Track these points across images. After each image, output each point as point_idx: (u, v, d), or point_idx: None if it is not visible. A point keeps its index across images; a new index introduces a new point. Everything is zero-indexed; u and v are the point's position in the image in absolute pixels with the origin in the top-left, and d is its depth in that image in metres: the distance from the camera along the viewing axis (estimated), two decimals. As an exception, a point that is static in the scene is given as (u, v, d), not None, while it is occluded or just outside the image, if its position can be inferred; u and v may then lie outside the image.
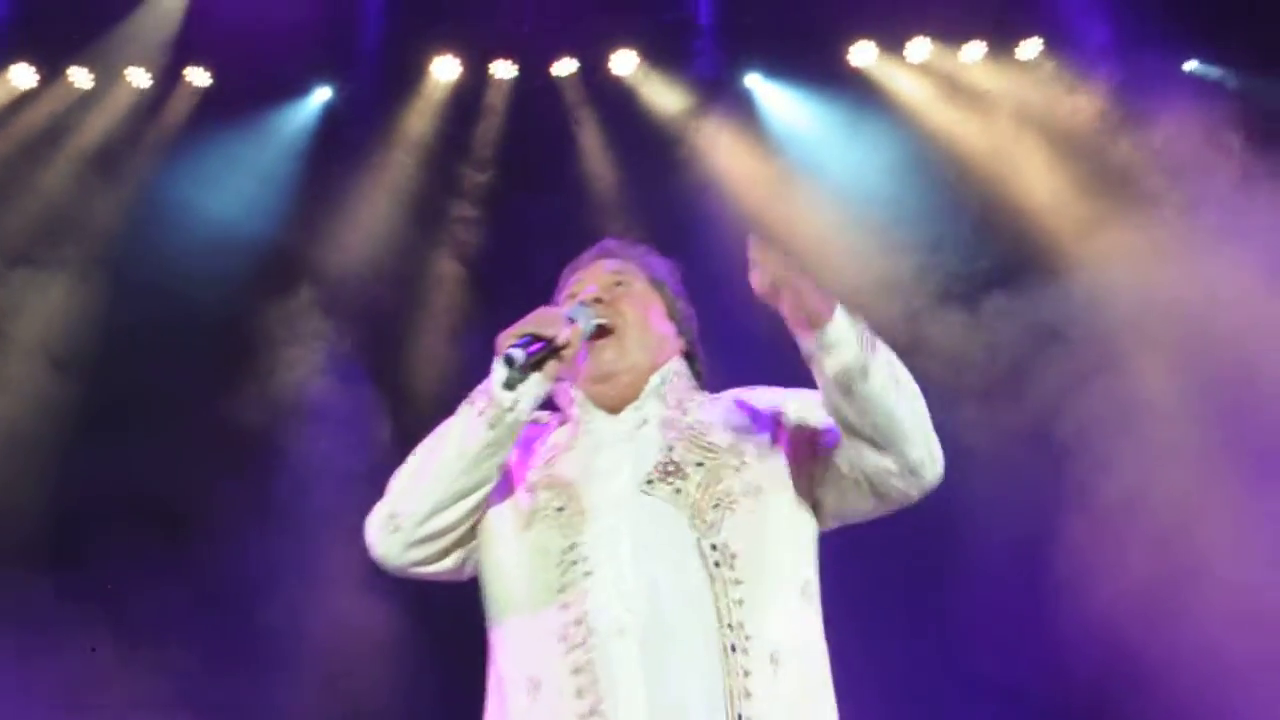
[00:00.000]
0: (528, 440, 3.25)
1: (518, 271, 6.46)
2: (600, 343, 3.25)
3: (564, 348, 3.07)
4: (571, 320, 3.12)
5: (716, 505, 3.05)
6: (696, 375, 3.40)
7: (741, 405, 3.25)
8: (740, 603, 2.98)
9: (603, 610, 2.97)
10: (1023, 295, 7.03)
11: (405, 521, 3.07)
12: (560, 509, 3.09)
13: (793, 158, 7.60)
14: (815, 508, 3.19)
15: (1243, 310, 6.48)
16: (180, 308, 7.19)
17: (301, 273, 7.52)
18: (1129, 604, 6.18)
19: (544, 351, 3.04)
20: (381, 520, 3.10)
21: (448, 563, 3.17)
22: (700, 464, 3.10)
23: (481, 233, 7.69)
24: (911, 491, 3.09)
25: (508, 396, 3.02)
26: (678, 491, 3.06)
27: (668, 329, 3.36)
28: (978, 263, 7.20)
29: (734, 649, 2.94)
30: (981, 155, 7.38)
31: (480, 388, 3.06)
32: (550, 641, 2.99)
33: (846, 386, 2.95)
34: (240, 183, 7.57)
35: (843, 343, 2.95)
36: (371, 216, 7.61)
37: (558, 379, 3.14)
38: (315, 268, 7.54)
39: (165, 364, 7.13)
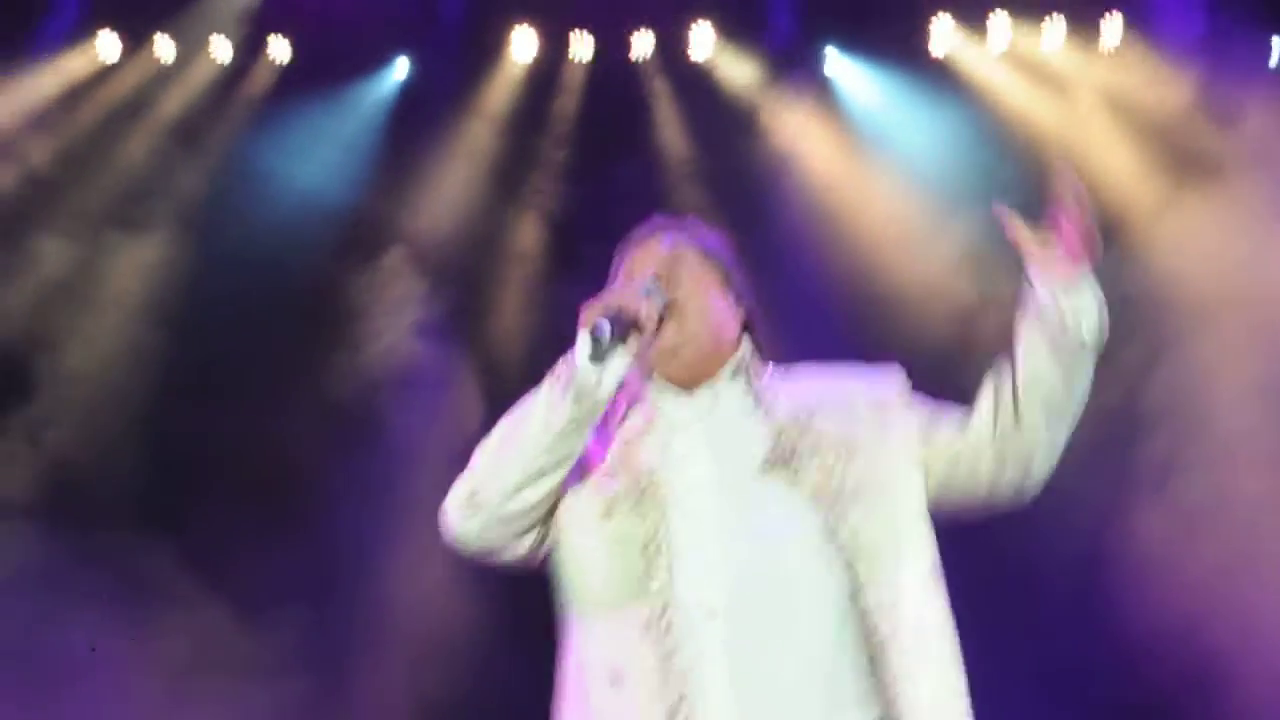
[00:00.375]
0: (603, 421, 3.19)
1: (597, 241, 6.33)
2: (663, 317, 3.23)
3: (646, 323, 3.02)
4: (647, 295, 3.09)
5: (839, 494, 3.02)
6: (757, 347, 3.35)
7: (835, 387, 3.21)
8: (878, 604, 2.97)
9: (689, 592, 2.93)
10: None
11: (486, 499, 3.03)
12: (639, 497, 3.04)
13: (867, 134, 7.55)
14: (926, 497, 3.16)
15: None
16: (267, 275, 7.27)
17: (387, 239, 7.59)
18: (1200, 597, 6.14)
19: (629, 326, 2.99)
20: (462, 499, 3.06)
21: (525, 545, 3.12)
22: (813, 450, 3.06)
23: (561, 204, 7.71)
24: (1001, 502, 3.17)
25: (593, 371, 2.94)
26: (795, 478, 3.03)
27: (725, 302, 3.29)
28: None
29: (868, 638, 2.94)
30: (1058, 139, 7.27)
31: (563, 361, 2.99)
32: (634, 631, 2.95)
33: (1073, 346, 2.97)
34: (323, 153, 7.62)
35: (1092, 302, 2.98)
36: (453, 185, 7.64)
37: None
38: (401, 234, 7.60)
39: (254, 330, 7.22)
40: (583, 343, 2.94)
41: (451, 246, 7.61)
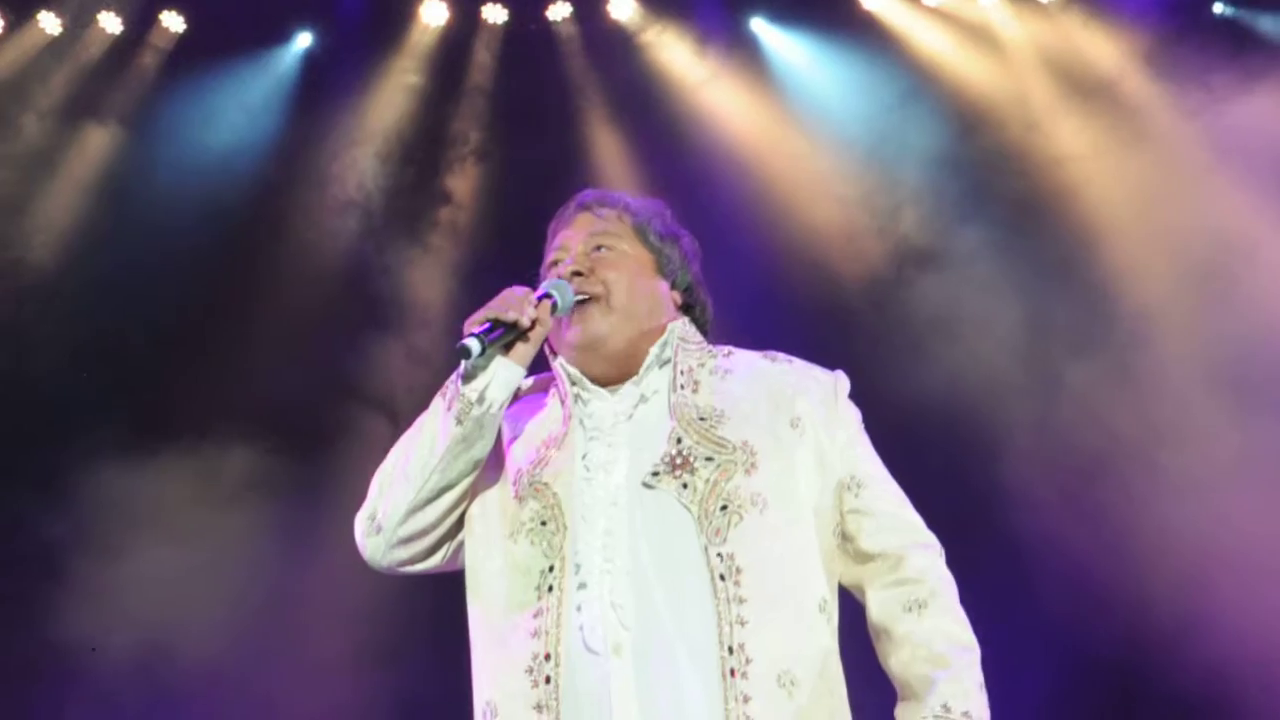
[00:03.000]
0: (520, 416, 3.10)
1: (515, 219, 6.26)
2: (583, 310, 3.06)
3: (531, 329, 2.91)
4: (547, 296, 2.96)
5: (724, 508, 2.85)
6: (701, 327, 3.20)
7: (760, 389, 3.03)
8: (743, 623, 2.77)
9: (594, 629, 2.78)
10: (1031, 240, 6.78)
11: (385, 522, 2.97)
12: (544, 523, 2.90)
13: (799, 105, 7.23)
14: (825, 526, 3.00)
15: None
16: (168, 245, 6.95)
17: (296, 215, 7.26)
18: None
19: (505, 336, 2.89)
20: (364, 521, 3.02)
21: (435, 560, 3.06)
22: (710, 458, 2.89)
23: (474, 183, 7.35)
24: None
25: (472, 389, 2.88)
26: (684, 486, 2.87)
27: (659, 286, 3.15)
28: (979, 214, 6.83)
29: (733, 673, 2.74)
30: (997, 101, 7.03)
31: (450, 379, 2.93)
32: (516, 668, 2.82)
33: None
34: (216, 135, 7.27)
35: None
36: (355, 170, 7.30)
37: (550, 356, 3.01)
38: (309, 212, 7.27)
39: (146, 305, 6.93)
40: (463, 365, 2.89)
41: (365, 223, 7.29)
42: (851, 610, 2.98)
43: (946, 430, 6.36)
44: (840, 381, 3.10)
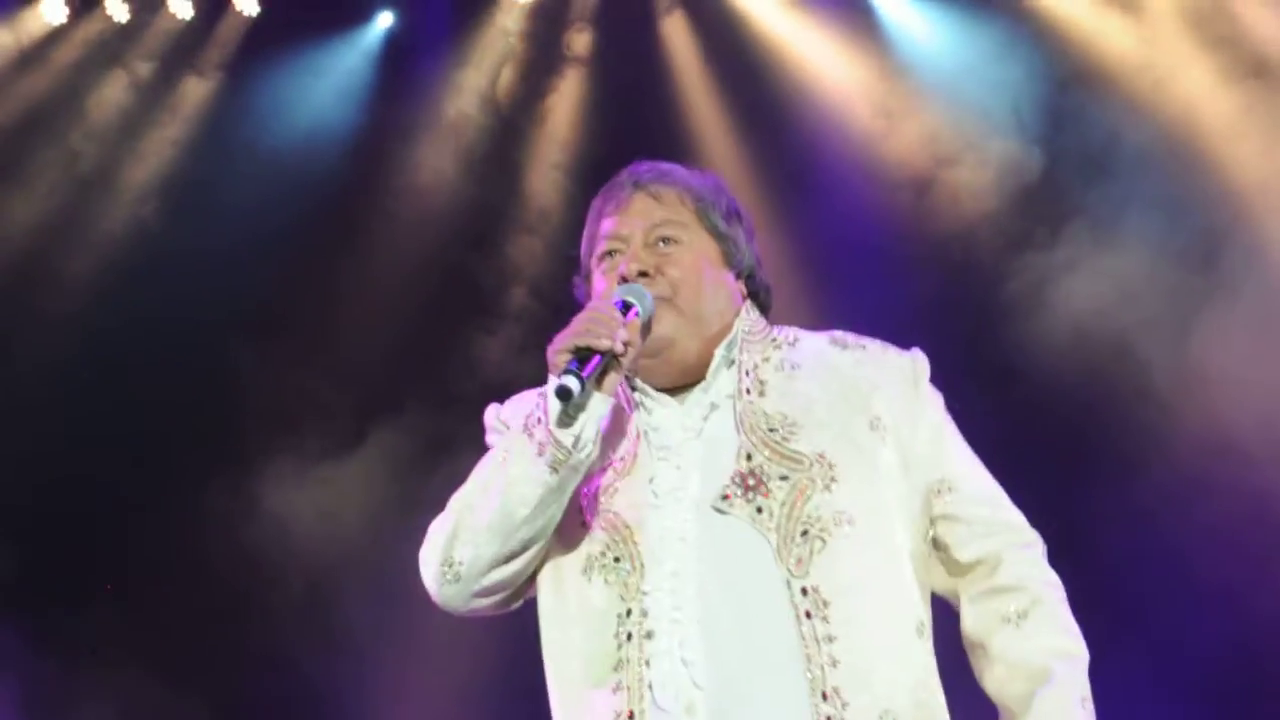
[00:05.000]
0: None
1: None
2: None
3: (625, 352, 2.59)
4: (627, 307, 2.64)
5: (805, 533, 2.59)
6: (763, 310, 2.91)
7: (833, 386, 2.76)
8: (835, 664, 2.53)
9: (664, 687, 2.55)
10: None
11: (466, 572, 2.67)
12: (618, 559, 2.65)
13: (908, 61, 6.72)
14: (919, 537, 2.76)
15: None
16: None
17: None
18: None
19: (601, 367, 2.56)
20: (437, 568, 2.70)
21: (516, 603, 2.82)
22: (785, 477, 2.64)
23: (567, 171, 6.94)
24: None
25: (568, 435, 2.56)
26: (759, 511, 2.61)
27: (726, 279, 2.85)
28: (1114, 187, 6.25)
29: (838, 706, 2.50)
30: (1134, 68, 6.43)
31: (535, 417, 2.60)
32: None
33: None
34: (294, 120, 6.98)
35: None
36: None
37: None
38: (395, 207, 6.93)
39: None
40: (553, 401, 2.55)
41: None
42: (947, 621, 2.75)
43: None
44: (919, 364, 2.83)
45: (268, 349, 6.64)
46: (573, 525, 2.70)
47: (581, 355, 2.54)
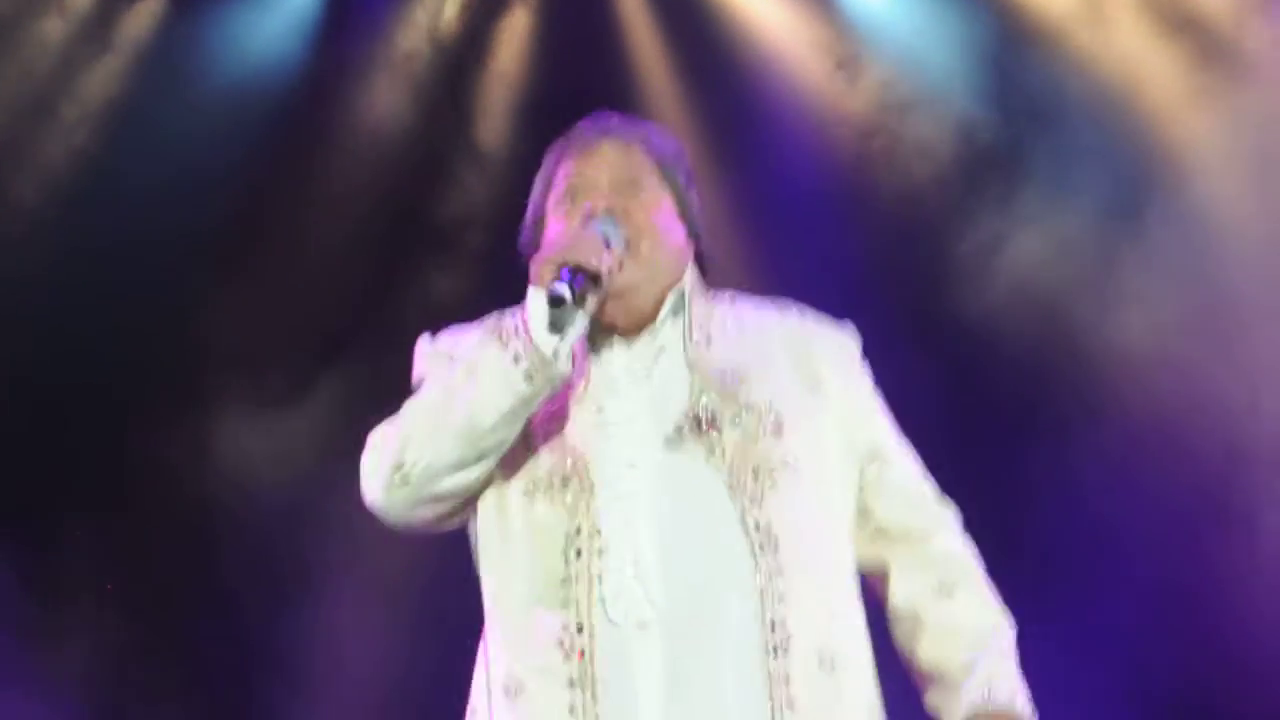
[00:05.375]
0: None
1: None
2: None
3: (607, 278, 2.65)
4: (605, 240, 2.69)
5: (755, 474, 2.68)
6: (702, 272, 2.97)
7: (776, 345, 2.86)
8: (782, 598, 2.62)
9: (616, 602, 2.61)
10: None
11: (417, 476, 2.65)
12: (565, 480, 2.69)
13: (860, 24, 6.74)
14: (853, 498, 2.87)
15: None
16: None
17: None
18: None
19: (588, 286, 2.61)
20: (387, 471, 2.67)
21: (454, 521, 2.80)
22: (735, 419, 2.72)
23: (511, 124, 6.90)
24: None
25: (551, 342, 2.58)
26: (712, 451, 2.69)
27: (680, 231, 2.90)
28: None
29: (775, 651, 2.60)
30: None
31: (510, 327, 2.63)
32: (544, 639, 2.63)
33: None
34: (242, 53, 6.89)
35: None
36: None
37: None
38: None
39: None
40: (538, 308, 2.60)
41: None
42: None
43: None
44: (854, 337, 2.96)
45: (215, 287, 6.62)
46: (518, 448, 2.73)
47: (569, 274, 2.60)
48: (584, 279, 2.61)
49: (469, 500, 2.77)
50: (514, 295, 2.74)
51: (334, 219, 6.80)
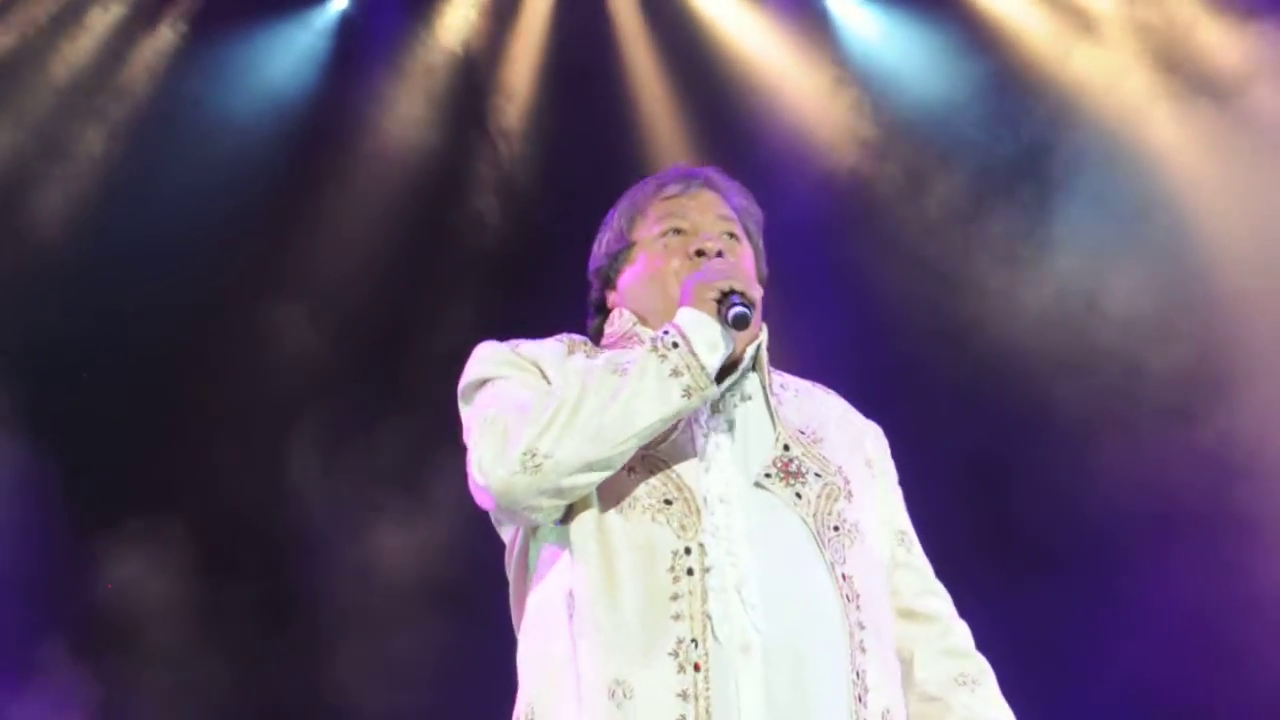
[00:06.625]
0: None
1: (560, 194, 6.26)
2: None
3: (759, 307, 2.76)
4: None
5: (837, 530, 2.76)
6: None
7: (831, 419, 2.97)
8: (864, 650, 2.70)
9: (724, 622, 2.62)
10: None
11: (552, 466, 2.62)
12: (668, 501, 2.71)
13: (861, 68, 6.86)
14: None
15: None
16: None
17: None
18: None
19: (746, 314, 2.69)
20: (513, 455, 2.63)
21: (555, 519, 2.75)
22: (818, 475, 2.80)
23: (521, 162, 6.97)
24: None
25: (713, 363, 2.66)
26: (798, 496, 2.76)
27: (759, 287, 2.89)
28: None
29: (860, 700, 2.66)
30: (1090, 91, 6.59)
31: (667, 342, 2.67)
32: (654, 655, 2.61)
33: None
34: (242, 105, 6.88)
35: None
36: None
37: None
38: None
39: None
40: (706, 328, 2.66)
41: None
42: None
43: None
44: (882, 434, 3.09)
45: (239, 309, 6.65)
46: (622, 467, 2.74)
47: (739, 301, 2.68)
48: (750, 307, 2.70)
49: (570, 504, 2.74)
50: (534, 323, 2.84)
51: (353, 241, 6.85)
